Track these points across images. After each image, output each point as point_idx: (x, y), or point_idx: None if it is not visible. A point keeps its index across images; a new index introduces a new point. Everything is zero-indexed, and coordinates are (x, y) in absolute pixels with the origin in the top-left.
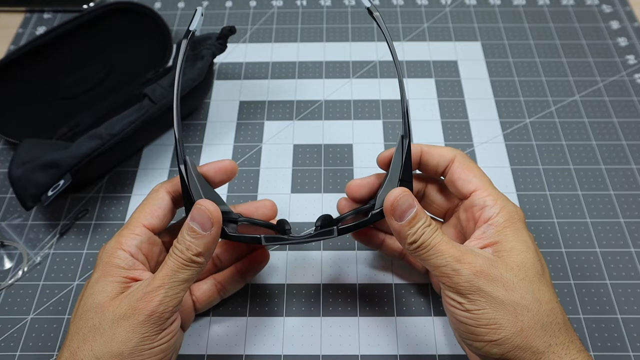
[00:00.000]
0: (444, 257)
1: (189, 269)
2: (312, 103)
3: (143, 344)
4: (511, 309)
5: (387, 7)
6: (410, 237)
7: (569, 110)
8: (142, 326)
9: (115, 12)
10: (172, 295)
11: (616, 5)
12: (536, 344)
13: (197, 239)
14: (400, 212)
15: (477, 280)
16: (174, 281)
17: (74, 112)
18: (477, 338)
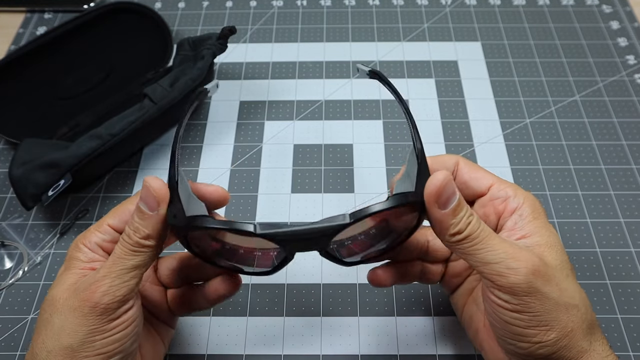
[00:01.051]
0: (497, 252)
1: (137, 254)
2: (313, 103)
3: (92, 335)
4: (563, 310)
5: (387, 7)
6: (454, 227)
7: (569, 110)
8: (88, 318)
9: (116, 12)
10: (119, 285)
11: (616, 6)
12: (582, 343)
13: (144, 220)
14: (445, 198)
15: (535, 280)
16: (121, 269)
17: (74, 112)
18: (524, 339)
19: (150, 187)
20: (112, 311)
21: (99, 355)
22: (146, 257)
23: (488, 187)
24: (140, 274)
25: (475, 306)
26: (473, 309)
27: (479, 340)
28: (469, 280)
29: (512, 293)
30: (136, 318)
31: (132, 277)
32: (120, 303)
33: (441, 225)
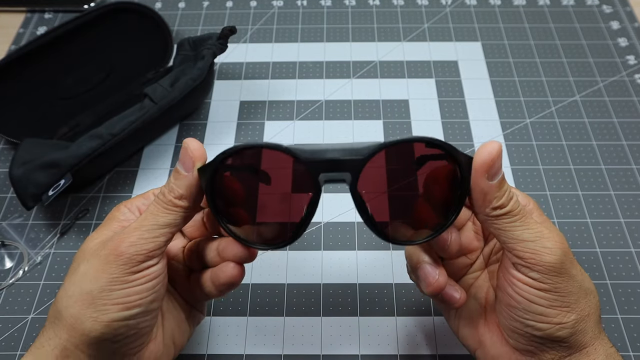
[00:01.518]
0: (533, 231)
1: (170, 212)
2: (313, 103)
3: (112, 284)
4: (583, 294)
5: (387, 7)
6: (498, 200)
7: (569, 111)
8: (111, 265)
9: (116, 12)
10: (148, 238)
11: (616, 6)
12: (595, 329)
13: (179, 179)
14: (496, 168)
15: (566, 260)
16: (152, 224)
17: (75, 112)
18: (544, 320)
19: (187, 148)
20: (136, 263)
21: (117, 304)
22: (177, 217)
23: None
24: (169, 233)
25: (474, 300)
26: (472, 305)
27: (479, 335)
28: (465, 279)
29: (543, 272)
30: (159, 274)
31: (162, 235)
32: (145, 257)
33: (485, 197)
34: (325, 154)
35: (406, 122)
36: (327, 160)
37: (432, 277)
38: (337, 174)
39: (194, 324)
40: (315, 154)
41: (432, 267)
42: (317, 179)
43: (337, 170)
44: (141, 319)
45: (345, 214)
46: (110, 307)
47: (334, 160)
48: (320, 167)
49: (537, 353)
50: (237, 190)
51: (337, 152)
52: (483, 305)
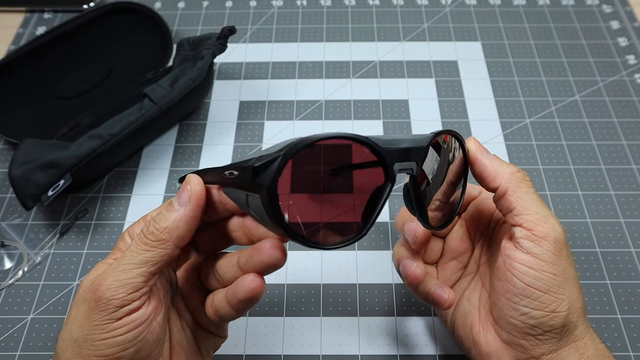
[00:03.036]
0: (541, 206)
1: (149, 249)
2: (312, 103)
3: (94, 333)
4: (576, 286)
5: (387, 7)
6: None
7: (569, 110)
8: (93, 312)
9: (116, 12)
10: (124, 280)
11: (616, 5)
12: (584, 323)
13: (169, 211)
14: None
15: (564, 245)
16: (129, 262)
17: (74, 112)
18: (539, 306)
19: (188, 183)
20: (114, 308)
21: (99, 356)
22: (157, 254)
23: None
24: (148, 274)
25: (468, 303)
26: (466, 307)
27: (473, 335)
28: (459, 284)
29: (545, 247)
30: (142, 323)
31: (139, 275)
32: (122, 302)
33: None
34: (400, 143)
35: (406, 122)
36: (401, 149)
37: (409, 268)
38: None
39: (210, 351)
40: (391, 143)
41: (410, 260)
42: (393, 168)
43: (407, 160)
44: None
45: None
46: (94, 359)
47: (406, 149)
48: (395, 156)
49: (529, 348)
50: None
51: (408, 142)
52: (477, 307)
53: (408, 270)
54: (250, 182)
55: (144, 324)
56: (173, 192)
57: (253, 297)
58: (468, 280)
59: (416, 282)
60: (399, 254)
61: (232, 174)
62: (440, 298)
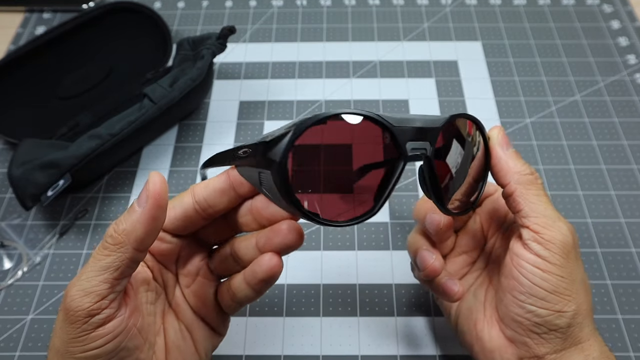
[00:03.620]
0: (550, 209)
1: (110, 253)
2: (312, 103)
3: (72, 345)
4: (584, 288)
5: (387, 6)
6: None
7: (570, 110)
8: (65, 325)
9: (116, 12)
10: (88, 289)
11: (617, 5)
12: (591, 325)
13: (129, 213)
14: (506, 141)
15: (573, 248)
16: (92, 270)
17: (74, 112)
18: (545, 305)
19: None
20: (83, 319)
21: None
22: (117, 259)
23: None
24: (112, 279)
25: (474, 298)
26: (472, 302)
27: (477, 330)
28: (466, 279)
29: (553, 250)
30: (120, 332)
31: (102, 282)
32: (89, 311)
33: (507, 164)
34: (412, 122)
35: None
36: (414, 128)
37: (429, 260)
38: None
39: (208, 352)
40: (403, 122)
41: (429, 252)
42: (405, 147)
43: (421, 139)
44: None
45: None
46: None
47: (419, 128)
48: (408, 135)
49: (533, 346)
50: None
51: (420, 121)
52: (482, 303)
53: (427, 262)
54: (262, 158)
55: (123, 333)
56: (173, 193)
57: (272, 276)
58: (475, 276)
59: (434, 274)
60: (416, 245)
61: (245, 152)
62: (450, 290)
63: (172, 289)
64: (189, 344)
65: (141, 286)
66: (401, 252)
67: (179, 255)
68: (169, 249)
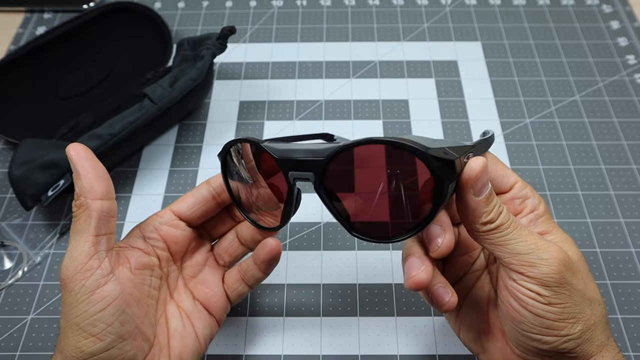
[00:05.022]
0: (527, 243)
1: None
2: (312, 103)
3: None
4: (588, 303)
5: (387, 7)
6: (487, 215)
7: (569, 110)
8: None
9: (116, 12)
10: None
11: (616, 5)
12: (601, 337)
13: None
14: (481, 184)
15: (565, 271)
16: (72, 240)
17: (74, 112)
18: (551, 333)
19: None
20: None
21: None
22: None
23: (511, 185)
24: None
25: (475, 305)
26: (473, 311)
27: (482, 342)
28: (465, 280)
29: (543, 284)
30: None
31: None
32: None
33: (474, 213)
34: (293, 153)
35: (406, 122)
36: (294, 159)
37: (414, 270)
38: (302, 173)
39: (206, 338)
40: (285, 153)
41: (419, 260)
42: (288, 175)
43: (301, 170)
44: (122, 346)
45: None
46: (83, 343)
47: (298, 160)
48: (288, 165)
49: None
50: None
51: (302, 152)
52: (486, 312)
53: (410, 272)
54: None
55: (120, 298)
56: (173, 192)
57: (273, 257)
58: (475, 277)
59: (417, 287)
60: (408, 250)
61: None
62: (440, 299)
63: (174, 281)
64: (190, 331)
65: (145, 269)
66: (401, 252)
67: (187, 247)
68: (182, 237)
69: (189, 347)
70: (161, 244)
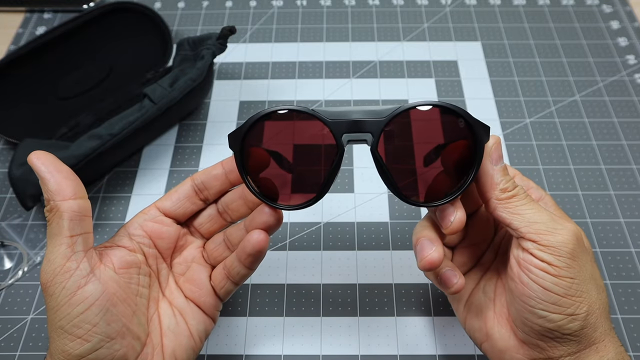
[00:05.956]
0: (542, 214)
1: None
2: (312, 103)
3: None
4: (595, 285)
5: (387, 7)
6: (505, 183)
7: (569, 110)
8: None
9: (116, 12)
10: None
11: (616, 5)
12: (605, 324)
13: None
14: (497, 155)
15: (578, 245)
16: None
17: (74, 112)
18: (557, 309)
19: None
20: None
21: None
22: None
23: (513, 175)
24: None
25: (483, 294)
26: (481, 298)
27: (487, 328)
28: (474, 271)
29: (556, 253)
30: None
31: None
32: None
33: (492, 180)
34: (350, 114)
35: None
36: (351, 121)
37: (426, 251)
38: (360, 135)
39: (202, 335)
40: (340, 115)
41: (430, 242)
42: (340, 139)
43: (359, 131)
44: (110, 345)
45: (345, 214)
46: (70, 345)
47: (357, 121)
48: (344, 127)
49: (547, 349)
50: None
51: (360, 113)
52: (492, 299)
53: (424, 252)
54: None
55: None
56: None
57: (259, 250)
58: (484, 269)
59: (430, 266)
60: (420, 233)
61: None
62: (449, 281)
63: (165, 278)
64: (183, 328)
65: (131, 267)
66: (401, 252)
67: (176, 245)
68: (168, 233)
69: (183, 345)
70: (147, 241)
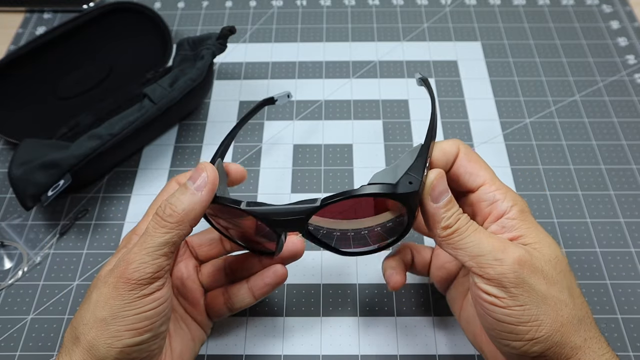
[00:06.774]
0: (484, 245)
1: (167, 231)
2: (312, 103)
3: (124, 310)
4: (552, 304)
5: (387, 7)
6: (445, 220)
7: (569, 110)
8: (121, 292)
9: (116, 12)
10: (149, 262)
11: (616, 5)
12: (574, 339)
13: (185, 194)
14: (438, 192)
15: (522, 271)
16: (151, 246)
17: (74, 112)
18: (517, 337)
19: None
20: (142, 287)
21: (129, 330)
22: (175, 235)
23: (479, 185)
24: (170, 253)
25: (472, 309)
26: (470, 313)
27: (478, 343)
28: (462, 282)
29: (500, 285)
30: (167, 299)
31: (162, 255)
32: (150, 280)
33: (433, 219)
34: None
35: (405, 122)
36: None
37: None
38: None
39: (199, 343)
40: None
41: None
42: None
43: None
44: (152, 342)
45: None
46: (124, 334)
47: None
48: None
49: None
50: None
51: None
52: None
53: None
54: None
55: (168, 300)
56: None
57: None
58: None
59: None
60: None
61: None
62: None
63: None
64: (186, 331)
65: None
66: None
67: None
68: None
69: (189, 347)
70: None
